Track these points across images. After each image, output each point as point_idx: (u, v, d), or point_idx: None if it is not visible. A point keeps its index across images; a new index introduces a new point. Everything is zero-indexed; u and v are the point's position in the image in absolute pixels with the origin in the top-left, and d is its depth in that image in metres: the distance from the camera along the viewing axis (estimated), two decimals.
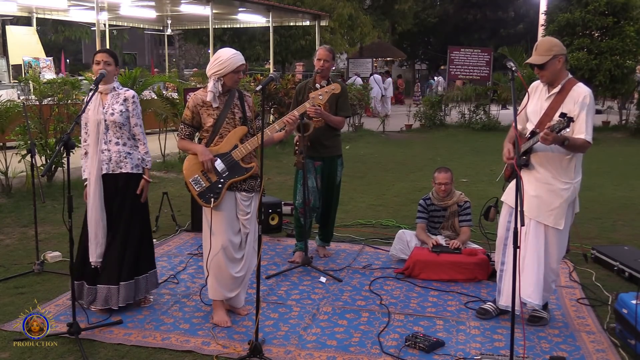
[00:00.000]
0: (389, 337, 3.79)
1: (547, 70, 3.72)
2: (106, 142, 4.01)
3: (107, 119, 3.99)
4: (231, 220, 3.92)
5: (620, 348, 3.62)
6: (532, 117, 3.87)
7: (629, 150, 13.15)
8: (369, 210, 7.30)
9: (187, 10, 18.32)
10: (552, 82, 3.78)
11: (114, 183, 4.03)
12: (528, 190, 3.78)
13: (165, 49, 26.85)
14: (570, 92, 3.72)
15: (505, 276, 3.90)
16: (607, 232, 6.32)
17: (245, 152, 3.86)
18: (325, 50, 5.16)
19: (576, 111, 3.65)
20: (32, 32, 17.71)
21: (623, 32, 14.87)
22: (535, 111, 3.85)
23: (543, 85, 3.86)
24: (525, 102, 3.81)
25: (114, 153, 4.01)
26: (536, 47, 3.77)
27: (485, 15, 34.07)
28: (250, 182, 3.94)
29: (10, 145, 8.16)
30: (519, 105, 3.83)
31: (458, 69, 17.74)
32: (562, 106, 3.69)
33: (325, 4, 23.66)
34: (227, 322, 3.94)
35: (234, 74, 3.81)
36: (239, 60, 3.81)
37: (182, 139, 3.99)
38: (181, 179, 8.95)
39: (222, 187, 3.85)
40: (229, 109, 3.89)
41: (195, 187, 3.88)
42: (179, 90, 10.76)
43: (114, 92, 4.07)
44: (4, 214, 6.71)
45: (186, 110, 3.93)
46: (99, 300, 4.06)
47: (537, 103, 3.86)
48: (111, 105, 4.02)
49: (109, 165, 4.01)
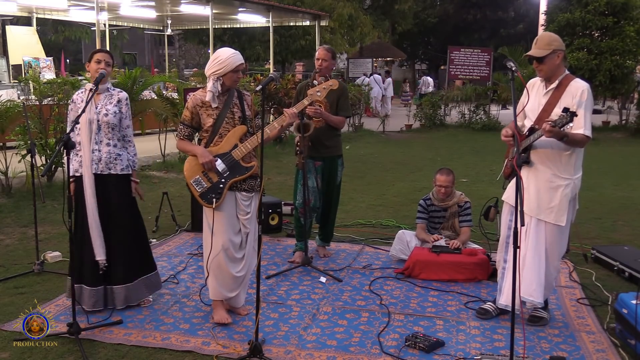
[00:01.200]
0: (389, 337, 3.79)
1: (545, 65, 3.72)
2: (97, 142, 3.99)
3: (101, 119, 3.98)
4: (232, 220, 3.91)
5: (620, 348, 3.62)
6: (530, 114, 3.87)
7: (629, 150, 13.16)
8: (369, 210, 7.30)
9: (187, 10, 18.32)
10: (549, 78, 3.78)
11: (103, 184, 4.01)
12: (528, 188, 3.78)
13: (165, 49, 26.84)
14: (568, 87, 3.71)
15: (507, 274, 3.90)
16: (607, 232, 6.32)
17: (245, 152, 3.85)
18: (324, 50, 5.17)
19: (575, 106, 3.64)
20: (32, 32, 17.70)
21: (623, 32, 14.87)
22: (533, 108, 3.85)
23: (540, 81, 3.86)
24: (526, 99, 3.81)
25: (104, 153, 4.00)
26: (536, 41, 3.77)
27: (485, 15, 34.06)
28: (250, 182, 3.94)
29: (10, 145, 8.17)
30: (519, 104, 3.84)
31: (458, 69, 17.73)
32: (560, 101, 3.68)
33: (325, 4, 23.66)
34: (227, 319, 3.95)
35: (233, 73, 3.80)
36: (237, 60, 3.81)
37: (181, 140, 3.99)
38: (181, 179, 8.97)
39: (223, 187, 3.85)
40: (228, 109, 3.88)
41: (196, 188, 3.87)
42: (179, 90, 10.75)
43: (107, 92, 4.07)
44: (4, 214, 6.71)
45: (185, 110, 3.93)
46: (118, 300, 4.07)
47: (535, 100, 3.86)
48: (104, 105, 4.01)
49: (98, 165, 3.99)
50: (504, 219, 4.04)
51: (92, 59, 4.03)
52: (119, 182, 4.06)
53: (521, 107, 3.88)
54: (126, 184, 4.10)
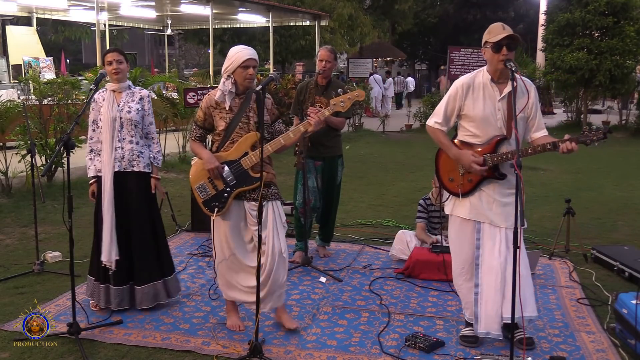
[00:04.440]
0: (389, 337, 3.79)
1: (513, 53, 3.39)
2: (120, 139, 4.01)
3: (123, 116, 3.99)
4: (237, 229, 3.77)
5: (620, 348, 3.62)
6: (484, 122, 3.47)
7: (629, 150, 13.15)
8: (369, 210, 7.30)
9: (187, 10, 18.34)
10: (501, 74, 3.43)
11: (124, 181, 4.02)
12: (498, 200, 3.51)
13: (165, 49, 26.82)
14: (517, 84, 3.33)
15: (482, 299, 3.54)
16: (607, 232, 6.31)
17: (255, 161, 3.61)
18: (327, 51, 5.14)
19: (532, 105, 3.46)
20: (32, 32, 17.71)
21: (623, 32, 14.87)
22: (490, 114, 3.46)
23: (488, 81, 3.47)
24: (461, 102, 3.48)
25: (127, 151, 4.01)
26: (504, 27, 3.39)
27: (485, 15, 34.03)
28: (262, 191, 3.61)
29: (10, 145, 8.16)
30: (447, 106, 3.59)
31: (458, 69, 17.72)
32: (518, 102, 3.34)
33: (325, 4, 23.65)
34: (239, 326, 3.85)
35: (241, 69, 3.61)
36: (245, 55, 3.62)
37: (193, 140, 3.84)
38: (181, 179, 8.97)
39: (228, 197, 3.69)
40: (243, 113, 3.68)
41: (200, 195, 3.75)
42: (179, 90, 10.74)
43: (129, 90, 4.08)
44: (4, 214, 6.71)
45: (199, 110, 3.78)
46: (145, 301, 4.07)
47: (487, 105, 3.47)
48: (127, 103, 4.03)
49: (121, 163, 4.00)
50: (467, 240, 3.60)
51: (104, 61, 4.05)
52: (140, 179, 4.07)
53: (450, 108, 3.55)
54: (147, 181, 4.11)
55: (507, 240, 3.49)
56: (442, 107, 3.59)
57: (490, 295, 3.52)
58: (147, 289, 4.09)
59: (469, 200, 3.57)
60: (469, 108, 3.51)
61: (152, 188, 4.12)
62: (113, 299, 4.06)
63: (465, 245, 3.62)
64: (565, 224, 5.45)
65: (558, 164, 10.48)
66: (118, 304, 4.06)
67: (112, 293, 4.06)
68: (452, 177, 3.63)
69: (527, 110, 3.49)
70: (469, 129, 3.56)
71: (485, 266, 3.54)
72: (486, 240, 3.55)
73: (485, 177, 3.51)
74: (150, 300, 4.10)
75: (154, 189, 4.13)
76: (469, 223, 3.58)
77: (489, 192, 3.53)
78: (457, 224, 3.66)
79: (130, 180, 4.04)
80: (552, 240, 5.63)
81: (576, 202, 6.12)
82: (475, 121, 3.51)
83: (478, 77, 3.53)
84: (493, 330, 3.53)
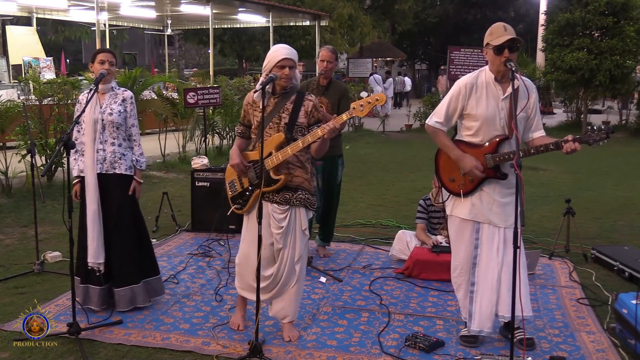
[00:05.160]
0: (389, 337, 3.79)
1: (515, 54, 3.42)
2: (102, 141, 3.98)
3: (105, 118, 3.97)
4: (263, 231, 3.60)
5: (620, 348, 3.62)
6: (487, 121, 3.47)
7: (629, 150, 13.15)
8: (369, 210, 7.30)
9: (187, 10, 18.34)
10: (505, 73, 3.41)
11: (106, 183, 4.00)
12: (498, 200, 3.51)
13: (165, 49, 26.82)
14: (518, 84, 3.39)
15: (477, 297, 3.58)
16: (607, 232, 6.31)
17: (276, 162, 3.53)
18: (329, 52, 5.13)
19: (532, 105, 3.48)
20: (32, 32, 17.71)
21: (623, 32, 14.86)
22: (492, 114, 3.46)
23: (491, 80, 3.48)
24: (464, 102, 3.49)
25: (109, 153, 3.99)
26: (506, 28, 3.39)
27: (485, 15, 34.04)
28: (286, 194, 3.58)
29: (10, 145, 8.17)
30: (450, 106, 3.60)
31: (458, 69, 17.72)
32: (519, 103, 3.38)
33: (325, 4, 23.67)
34: (238, 326, 3.86)
35: (277, 69, 3.52)
36: (281, 55, 3.53)
37: (237, 137, 3.84)
38: (181, 179, 8.99)
39: (249, 196, 3.70)
40: (276, 113, 3.59)
41: (229, 190, 3.81)
42: (179, 90, 10.75)
43: (112, 92, 4.07)
44: (4, 214, 6.71)
45: (243, 107, 3.79)
46: (121, 303, 4.05)
47: (490, 104, 3.46)
48: (109, 105, 4.01)
49: (103, 165, 3.98)
50: (466, 239, 3.61)
51: (95, 59, 4.02)
52: (121, 181, 4.04)
53: (452, 108, 3.55)
54: (129, 184, 4.09)
55: (505, 239, 3.50)
56: (444, 106, 3.59)
57: (486, 293, 3.56)
58: (123, 292, 4.06)
59: (470, 200, 3.56)
60: (472, 107, 3.51)
61: (129, 190, 4.07)
62: (96, 300, 4.05)
63: (464, 245, 3.62)
64: (565, 224, 5.45)
65: (558, 164, 10.49)
66: (100, 304, 4.06)
67: (92, 293, 4.05)
68: (453, 177, 3.62)
69: (527, 110, 3.50)
70: (470, 128, 3.56)
71: (482, 265, 3.57)
72: (485, 241, 3.56)
73: (486, 177, 3.52)
74: (126, 303, 4.06)
75: (132, 191, 4.08)
76: (468, 223, 3.59)
77: (489, 191, 3.54)
78: (456, 224, 3.66)
79: (112, 183, 4.01)
80: (552, 240, 5.63)
81: (576, 202, 6.12)
82: (479, 120, 3.50)
83: (481, 76, 3.54)
84: (486, 328, 3.58)
